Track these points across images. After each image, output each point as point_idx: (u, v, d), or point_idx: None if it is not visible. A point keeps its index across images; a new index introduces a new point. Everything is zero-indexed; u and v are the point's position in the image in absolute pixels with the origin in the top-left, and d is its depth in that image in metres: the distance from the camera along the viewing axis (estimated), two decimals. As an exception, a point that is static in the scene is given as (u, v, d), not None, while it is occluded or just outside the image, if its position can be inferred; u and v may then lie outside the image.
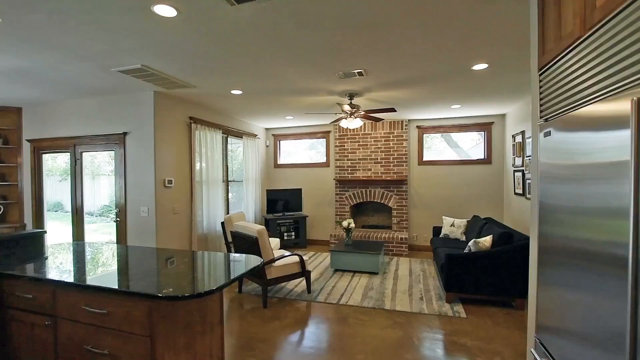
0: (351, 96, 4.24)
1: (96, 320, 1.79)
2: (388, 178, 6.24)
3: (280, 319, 3.41)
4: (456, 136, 6.39)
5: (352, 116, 4.24)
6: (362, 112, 4.29)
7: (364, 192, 6.52)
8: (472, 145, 6.34)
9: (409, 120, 6.34)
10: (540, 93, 1.77)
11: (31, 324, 2.00)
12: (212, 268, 2.11)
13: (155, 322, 1.68)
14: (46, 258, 2.39)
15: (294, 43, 2.71)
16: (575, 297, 1.28)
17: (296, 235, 6.53)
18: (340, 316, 3.45)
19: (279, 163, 7.33)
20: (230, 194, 5.92)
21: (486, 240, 3.79)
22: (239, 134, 6.06)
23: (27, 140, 5.02)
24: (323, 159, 7.03)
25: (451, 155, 6.39)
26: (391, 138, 6.32)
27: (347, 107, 4.06)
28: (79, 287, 1.83)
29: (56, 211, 5.19)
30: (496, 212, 5.96)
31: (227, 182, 5.76)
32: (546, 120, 1.67)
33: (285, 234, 6.46)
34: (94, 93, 4.26)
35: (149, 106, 4.18)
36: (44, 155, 5.03)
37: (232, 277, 1.90)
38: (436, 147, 6.47)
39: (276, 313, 3.54)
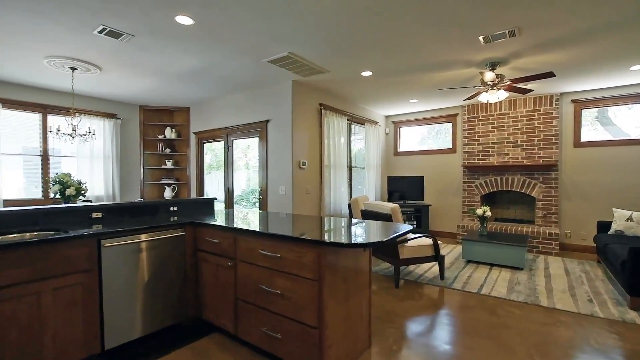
0: (493, 66, 3.78)
1: (270, 263, 2.02)
2: (530, 163, 5.37)
3: (414, 299, 3.28)
4: (616, 117, 5.03)
5: (495, 88, 3.76)
6: (508, 82, 3.76)
7: (498, 180, 5.77)
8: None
9: (560, 93, 5.31)
10: None
11: (216, 264, 2.41)
12: (362, 230, 2.15)
13: (322, 268, 1.80)
14: (216, 219, 2.85)
15: (438, 2, 2.55)
16: None
17: (418, 224, 6.25)
18: (484, 305, 3.11)
19: (398, 151, 7.15)
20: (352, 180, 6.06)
21: (698, 234, 2.85)
22: (361, 121, 6.15)
23: (193, 133, 6.18)
24: (448, 145, 6.53)
25: (610, 136, 5.06)
26: (536, 117, 5.41)
27: (490, 76, 3.61)
28: (256, 234, 2.11)
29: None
30: (700, 207, 4.47)
31: (350, 167, 5.91)
32: None
33: (406, 223, 6.24)
34: (243, 87, 4.93)
35: (287, 95, 4.60)
36: (204, 144, 6.11)
37: (389, 236, 1.89)
38: (586, 134, 5.22)
39: (409, 293, 3.43)
